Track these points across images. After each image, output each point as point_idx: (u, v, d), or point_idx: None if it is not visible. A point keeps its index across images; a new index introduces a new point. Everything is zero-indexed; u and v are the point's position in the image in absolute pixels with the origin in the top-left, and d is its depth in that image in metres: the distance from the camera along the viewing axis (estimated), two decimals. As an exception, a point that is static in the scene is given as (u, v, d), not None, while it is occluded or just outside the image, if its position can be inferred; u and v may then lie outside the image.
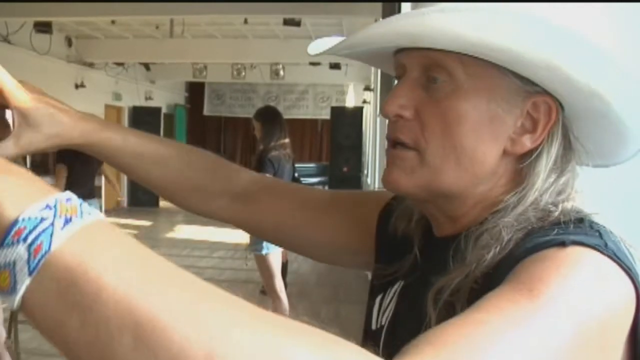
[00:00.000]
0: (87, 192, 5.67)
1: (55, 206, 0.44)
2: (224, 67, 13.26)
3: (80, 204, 0.46)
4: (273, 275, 4.64)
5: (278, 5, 7.01)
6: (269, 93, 17.49)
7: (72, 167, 5.62)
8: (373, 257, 0.98)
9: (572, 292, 0.59)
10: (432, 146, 0.75)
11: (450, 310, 0.69)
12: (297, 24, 8.10)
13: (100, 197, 12.88)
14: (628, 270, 0.62)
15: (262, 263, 4.62)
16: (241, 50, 11.60)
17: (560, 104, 0.75)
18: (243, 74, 13.20)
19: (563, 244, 0.63)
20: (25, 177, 0.47)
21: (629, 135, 0.76)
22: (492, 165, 0.76)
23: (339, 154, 11.63)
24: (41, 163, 11.20)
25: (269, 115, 4.81)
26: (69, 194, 0.47)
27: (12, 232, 0.43)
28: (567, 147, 0.77)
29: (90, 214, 0.46)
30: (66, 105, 0.91)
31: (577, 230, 0.66)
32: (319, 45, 0.92)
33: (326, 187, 12.62)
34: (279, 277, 4.70)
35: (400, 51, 0.79)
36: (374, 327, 0.91)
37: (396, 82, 0.82)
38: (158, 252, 0.49)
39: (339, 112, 12.09)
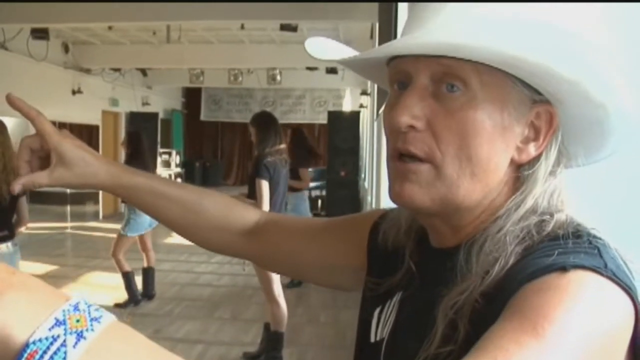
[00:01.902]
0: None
1: (64, 320, 0.44)
2: (221, 72, 13.28)
3: (89, 308, 0.46)
4: (271, 281, 4.63)
5: (275, 10, 7.02)
6: (265, 98, 17.51)
7: None
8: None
9: (576, 326, 0.60)
10: (448, 158, 0.74)
11: (453, 327, 0.69)
12: (293, 29, 8.12)
13: (98, 203, 12.91)
14: (628, 290, 0.63)
15: (260, 269, 4.61)
16: (238, 55, 11.61)
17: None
18: (240, 79, 13.22)
19: (564, 269, 0.63)
20: (36, 288, 0.48)
21: (611, 137, 0.78)
22: (502, 174, 0.77)
23: (336, 158, 11.61)
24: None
25: (265, 121, 4.81)
26: (77, 298, 0.47)
27: (24, 357, 0.43)
28: (559, 152, 0.78)
29: (100, 320, 0.46)
30: (98, 153, 1.03)
31: (576, 248, 0.67)
32: (316, 45, 0.91)
33: (324, 192, 12.61)
34: (277, 282, 4.70)
35: (401, 57, 0.77)
36: (372, 339, 0.91)
37: (395, 88, 0.79)
38: (156, 258, 0.50)
39: (336, 117, 12.06)
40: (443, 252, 0.82)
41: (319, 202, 13.36)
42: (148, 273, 6.64)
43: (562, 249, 0.67)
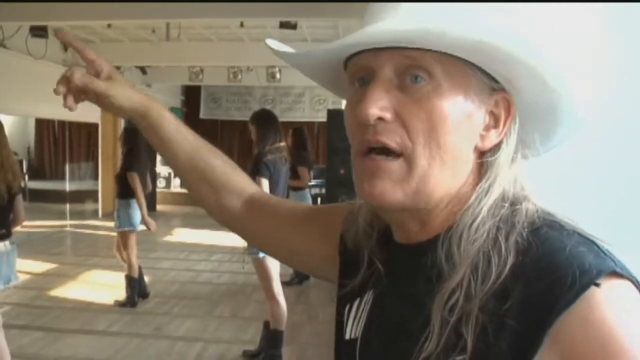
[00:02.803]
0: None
1: None
2: (220, 70, 13.25)
3: None
4: (270, 279, 4.63)
5: (274, 8, 7.01)
6: (265, 96, 17.48)
7: None
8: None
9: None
10: (419, 147, 0.74)
11: (457, 333, 0.70)
12: (293, 27, 8.10)
13: (97, 201, 12.89)
14: (636, 282, 0.67)
15: (260, 267, 4.61)
16: (237, 53, 11.58)
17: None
18: (239, 77, 13.19)
19: (596, 284, 0.64)
20: None
21: (563, 123, 0.80)
22: (468, 162, 0.78)
23: (336, 156, 11.56)
24: (38, 169, 11.15)
25: (264, 119, 4.80)
26: None
27: None
28: (520, 137, 0.80)
29: None
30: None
31: (578, 245, 0.68)
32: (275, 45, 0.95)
33: (323, 190, 12.60)
34: (276, 280, 4.69)
35: (361, 54, 0.78)
36: (347, 337, 0.91)
37: (356, 85, 0.80)
38: (155, 256, 0.50)
39: (335, 115, 11.98)
40: (412, 247, 0.82)
41: (319, 200, 13.36)
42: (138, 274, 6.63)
43: (563, 244, 0.68)
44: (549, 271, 0.66)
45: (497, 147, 0.79)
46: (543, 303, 0.65)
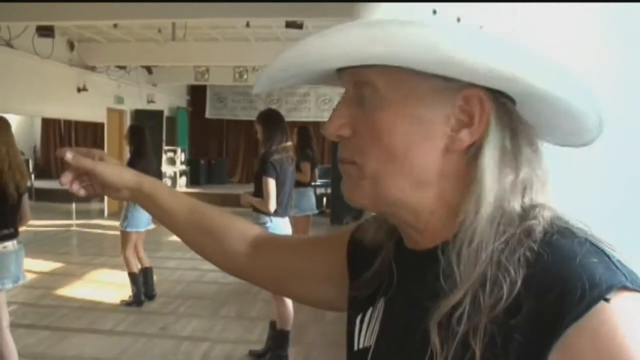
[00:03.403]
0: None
1: None
2: (226, 70, 13.28)
3: None
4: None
5: (280, 8, 7.01)
6: (270, 96, 17.49)
7: None
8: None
9: None
10: (368, 157, 0.78)
11: (464, 345, 0.69)
12: (299, 26, 8.10)
13: (103, 200, 12.91)
14: None
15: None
16: (243, 53, 11.59)
17: (507, 96, 0.75)
18: (245, 76, 13.22)
19: (605, 299, 0.63)
20: None
21: (580, 117, 0.76)
22: (436, 166, 0.76)
23: (342, 156, 11.63)
24: (44, 168, 11.19)
25: (271, 118, 4.79)
26: None
27: None
28: (516, 137, 0.76)
29: None
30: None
31: (588, 256, 0.66)
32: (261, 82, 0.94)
33: (329, 189, 12.61)
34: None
35: (340, 71, 0.82)
36: (356, 348, 0.91)
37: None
38: (161, 255, 0.49)
39: (341, 115, 12.05)
40: (418, 253, 0.82)
41: (324, 199, 13.36)
42: (146, 274, 6.63)
43: (573, 253, 0.66)
44: (559, 283, 0.65)
45: (477, 148, 0.75)
46: (552, 314, 0.64)
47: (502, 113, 0.75)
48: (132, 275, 6.41)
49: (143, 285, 6.55)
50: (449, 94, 0.75)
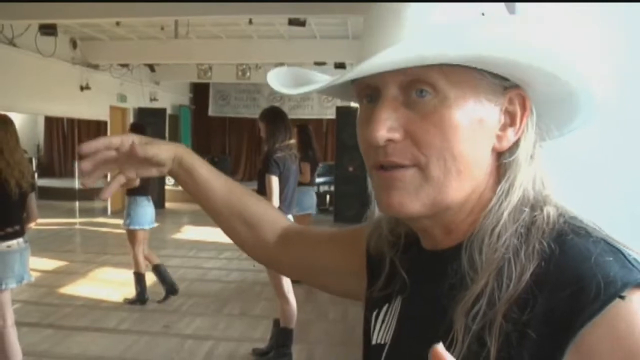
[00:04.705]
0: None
1: None
2: (229, 68, 13.27)
3: None
4: (280, 277, 4.62)
5: (283, 5, 6.99)
6: (273, 93, 17.47)
7: None
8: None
9: None
10: (433, 160, 0.74)
11: (480, 342, 0.68)
12: (302, 24, 8.09)
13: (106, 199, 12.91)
14: None
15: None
16: (246, 50, 11.58)
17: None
18: (248, 74, 13.21)
19: (621, 297, 0.62)
20: None
21: (581, 110, 0.80)
22: (486, 165, 0.78)
23: (345, 153, 11.61)
24: (47, 167, 11.19)
25: (274, 116, 4.79)
26: None
27: None
28: (537, 132, 0.79)
29: None
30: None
31: (603, 254, 0.66)
32: (279, 78, 0.91)
33: (332, 187, 12.60)
34: (287, 278, 4.68)
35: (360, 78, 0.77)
36: (374, 342, 0.91)
37: (365, 102, 0.80)
38: (164, 253, 0.48)
39: (344, 112, 12.03)
40: (439, 254, 0.81)
41: (327, 197, 13.36)
42: (158, 271, 6.61)
43: (588, 252, 0.66)
44: (573, 280, 0.64)
45: (515, 145, 0.78)
46: (566, 313, 0.63)
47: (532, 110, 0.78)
48: (138, 275, 6.42)
49: (163, 283, 6.55)
50: (499, 94, 0.76)
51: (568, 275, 0.65)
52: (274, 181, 4.46)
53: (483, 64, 0.72)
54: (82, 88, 11.68)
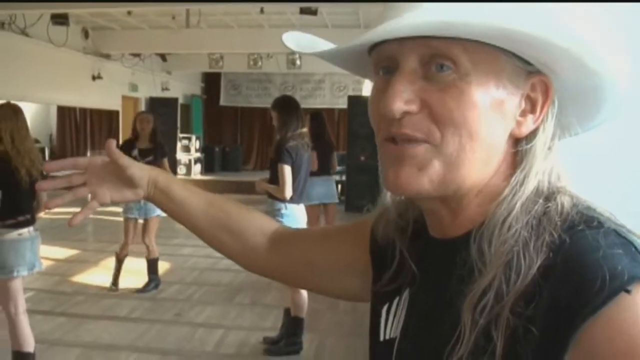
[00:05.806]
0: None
1: None
2: (240, 57, 13.26)
3: None
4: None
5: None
6: (285, 83, 17.49)
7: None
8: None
9: None
10: (448, 136, 0.71)
11: (486, 337, 0.67)
12: (313, 12, 8.07)
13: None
14: None
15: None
16: (257, 39, 11.58)
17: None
18: (259, 63, 13.20)
19: (627, 291, 0.60)
20: None
21: (605, 105, 0.78)
22: (501, 149, 0.75)
23: (356, 143, 11.61)
24: (60, 156, 11.22)
25: (286, 105, 4.77)
26: None
27: None
28: (556, 125, 0.77)
29: None
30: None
31: (616, 250, 0.63)
32: (294, 40, 0.89)
33: (344, 177, 12.60)
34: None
35: (385, 43, 0.74)
36: (382, 338, 0.89)
37: (381, 74, 0.77)
38: (176, 242, 0.48)
39: (356, 101, 12.00)
40: (447, 243, 0.79)
41: (339, 186, 13.36)
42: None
43: (597, 243, 0.64)
44: (578, 273, 0.63)
45: (533, 134, 0.75)
46: (570, 306, 0.61)
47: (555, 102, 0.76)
48: (155, 261, 6.51)
49: (152, 274, 6.70)
50: (522, 79, 0.74)
51: (573, 268, 0.63)
52: (287, 170, 4.45)
53: (508, 40, 0.69)
54: (94, 78, 11.73)
